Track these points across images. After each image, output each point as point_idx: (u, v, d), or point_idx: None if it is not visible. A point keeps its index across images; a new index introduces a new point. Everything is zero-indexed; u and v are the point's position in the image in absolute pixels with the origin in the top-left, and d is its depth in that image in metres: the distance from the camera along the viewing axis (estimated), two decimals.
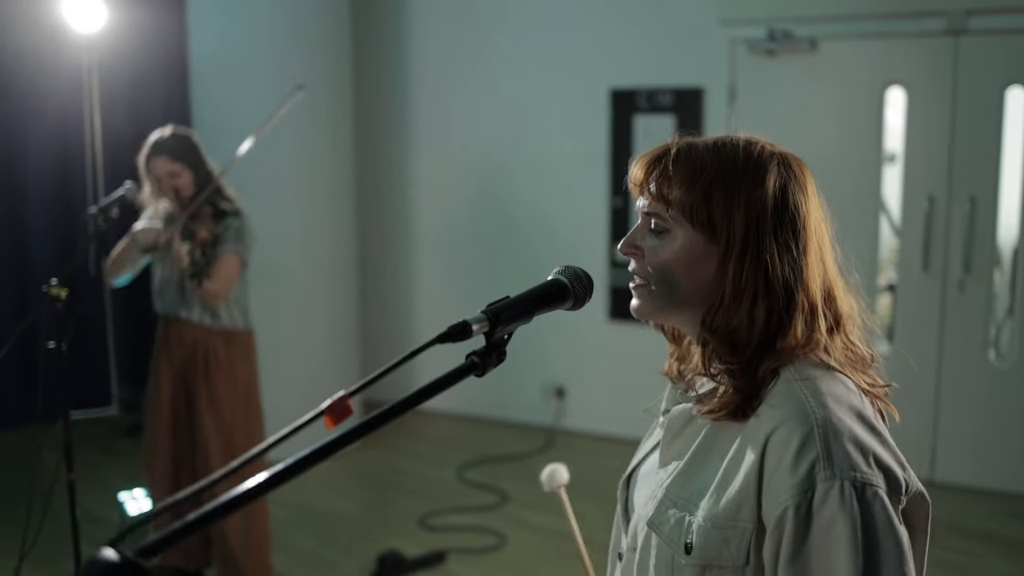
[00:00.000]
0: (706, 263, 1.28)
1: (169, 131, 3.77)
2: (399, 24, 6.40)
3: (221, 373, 3.78)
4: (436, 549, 4.33)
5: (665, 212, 1.30)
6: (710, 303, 1.28)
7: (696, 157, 1.29)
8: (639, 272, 1.33)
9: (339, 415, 0.99)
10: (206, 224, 3.65)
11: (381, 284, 6.61)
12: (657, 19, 5.61)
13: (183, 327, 3.76)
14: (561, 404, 6.08)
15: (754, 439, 1.22)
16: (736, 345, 1.27)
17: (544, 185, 6.00)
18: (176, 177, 3.66)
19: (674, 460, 1.34)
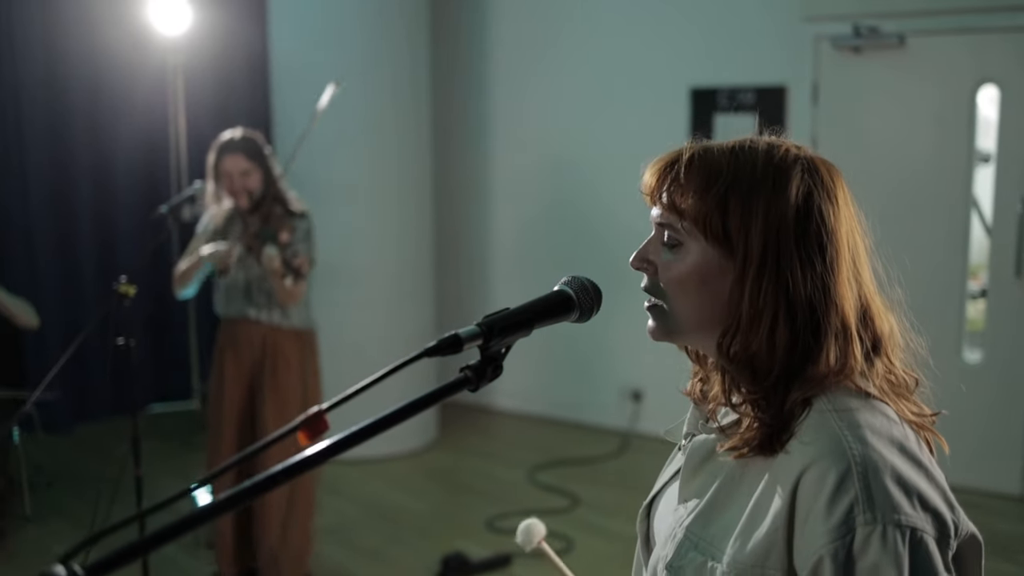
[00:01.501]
0: (722, 280, 1.16)
1: (240, 132, 3.82)
2: (478, 24, 6.39)
3: (289, 371, 3.83)
4: (502, 552, 4.29)
5: (678, 223, 1.18)
6: (727, 327, 1.16)
7: (711, 162, 1.17)
8: (650, 289, 1.22)
9: (315, 431, 0.96)
10: (286, 225, 3.69)
11: (456, 285, 6.61)
12: (739, 16, 5.49)
13: (251, 327, 3.81)
14: (637, 407, 5.99)
15: (784, 477, 1.09)
16: (757, 372, 1.13)
17: (621, 187, 5.90)
18: (247, 176, 3.70)
19: (694, 497, 1.21)
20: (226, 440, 3.88)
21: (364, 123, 5.47)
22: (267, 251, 3.55)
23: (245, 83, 6.66)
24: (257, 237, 3.64)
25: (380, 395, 3.68)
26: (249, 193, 3.71)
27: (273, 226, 3.65)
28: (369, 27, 5.45)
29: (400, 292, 5.68)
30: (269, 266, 3.56)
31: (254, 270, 3.73)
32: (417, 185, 5.80)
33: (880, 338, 1.18)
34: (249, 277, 3.76)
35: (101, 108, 6.17)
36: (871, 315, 1.18)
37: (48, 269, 6.03)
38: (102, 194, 6.25)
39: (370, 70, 5.45)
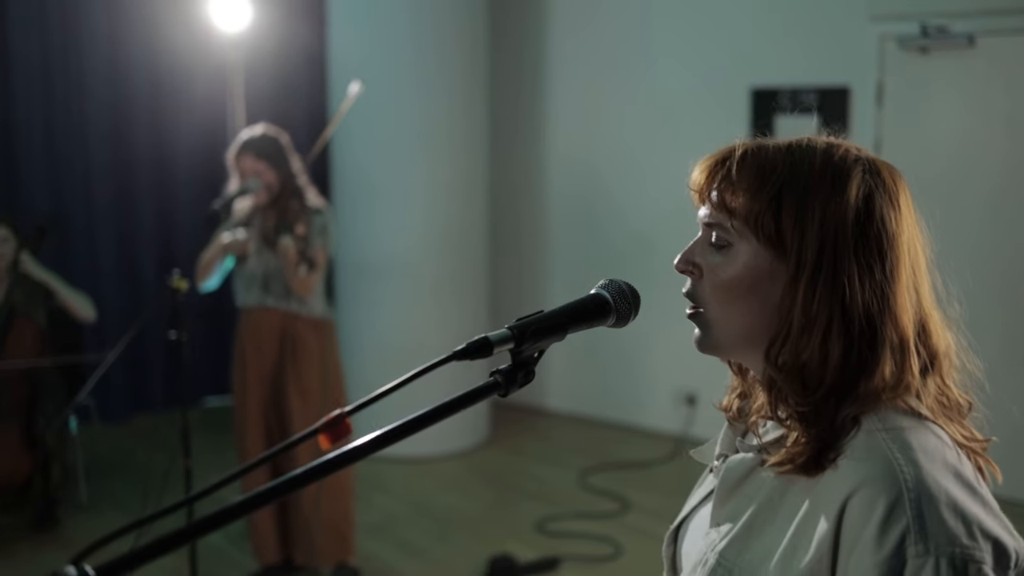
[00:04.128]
0: (773, 286, 1.08)
1: (259, 130, 3.91)
2: (536, 24, 6.36)
3: (310, 359, 3.91)
4: (549, 555, 4.26)
5: (728, 223, 1.11)
6: (776, 334, 1.08)
7: (765, 159, 1.10)
8: (693, 295, 1.15)
9: (337, 434, 0.93)
10: (302, 219, 3.78)
11: (511, 285, 6.58)
12: (802, 15, 5.38)
13: (271, 314, 3.90)
14: (691, 412, 5.91)
15: (829, 501, 1.02)
16: (807, 384, 1.06)
17: (680, 188, 5.81)
18: (260, 174, 3.79)
19: (728, 520, 1.13)
20: (252, 429, 3.96)
21: (421, 123, 5.48)
22: (283, 241, 3.66)
23: (303, 81, 6.70)
24: (274, 230, 3.75)
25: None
26: (267, 188, 3.78)
27: (290, 220, 3.76)
28: (427, 27, 5.44)
29: (455, 292, 5.67)
30: (284, 254, 3.67)
31: (272, 262, 3.83)
32: (473, 185, 5.78)
33: (936, 355, 1.11)
34: (267, 269, 3.85)
35: (162, 105, 6.25)
36: (928, 330, 1.11)
37: (108, 263, 6.13)
38: (162, 190, 6.34)
39: (428, 69, 5.45)
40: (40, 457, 4.46)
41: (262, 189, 3.77)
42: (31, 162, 5.84)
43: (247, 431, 3.96)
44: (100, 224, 6.08)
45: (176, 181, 6.37)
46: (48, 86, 5.86)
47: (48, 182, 5.92)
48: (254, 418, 3.94)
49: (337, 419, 0.93)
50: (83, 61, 5.92)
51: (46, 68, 5.85)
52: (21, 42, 5.74)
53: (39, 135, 5.85)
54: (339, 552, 4.01)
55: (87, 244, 6.03)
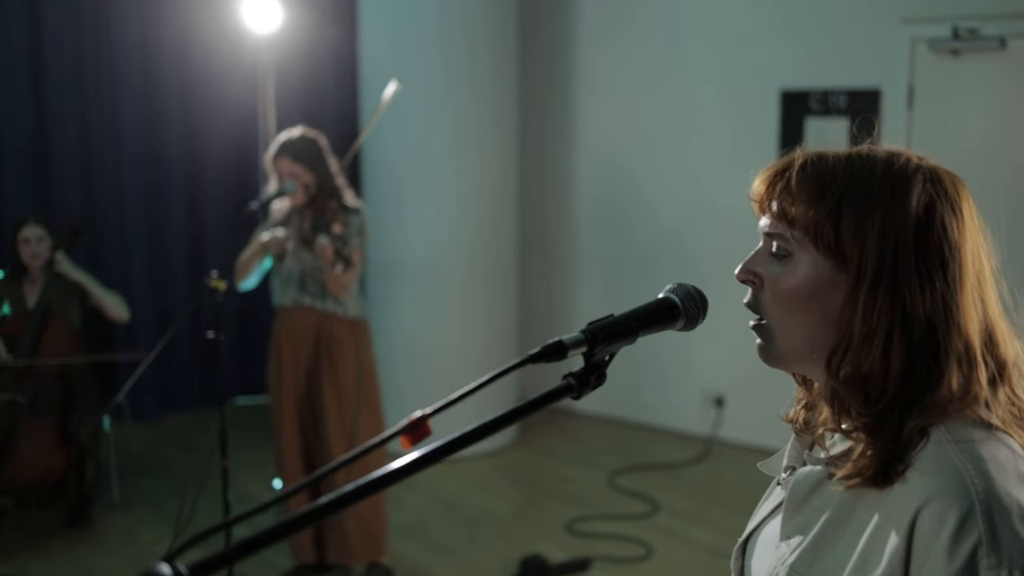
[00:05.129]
0: (833, 296, 1.08)
1: (297, 132, 3.93)
2: (565, 26, 6.36)
3: (345, 359, 3.92)
4: (581, 556, 4.26)
5: (788, 233, 1.11)
6: (836, 344, 1.08)
7: (825, 169, 1.10)
8: (754, 305, 1.16)
9: (417, 436, 0.94)
10: (339, 219, 3.80)
11: (539, 286, 6.58)
12: (832, 16, 5.36)
13: (306, 314, 3.92)
14: (720, 413, 5.90)
15: (899, 514, 1.01)
16: (869, 395, 1.05)
17: (709, 190, 5.83)
18: (298, 177, 3.81)
19: (798, 533, 1.13)
20: (287, 427, 3.98)
21: (452, 124, 5.49)
22: (320, 240, 3.66)
23: (333, 82, 6.73)
24: (312, 229, 3.75)
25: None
26: (304, 189, 3.81)
27: (327, 219, 3.77)
28: (457, 28, 5.46)
29: (485, 293, 5.68)
30: (321, 253, 3.67)
31: (308, 262, 3.85)
32: (503, 186, 5.79)
33: (1005, 365, 1.10)
34: (303, 268, 3.87)
35: (193, 105, 6.30)
36: (996, 340, 1.10)
37: (139, 263, 6.17)
38: (193, 190, 6.38)
39: (458, 70, 5.47)
40: (74, 455, 4.50)
41: (299, 190, 3.79)
42: (64, 162, 5.89)
43: (282, 429, 3.99)
44: (131, 223, 6.13)
45: (206, 181, 6.41)
46: (81, 86, 5.92)
47: (80, 182, 5.97)
48: (289, 416, 3.97)
49: (418, 421, 0.94)
50: (115, 61, 5.97)
51: (79, 68, 5.90)
52: (55, 43, 5.80)
53: (72, 135, 5.91)
54: (372, 552, 4.03)
55: (118, 243, 6.08)
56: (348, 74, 6.56)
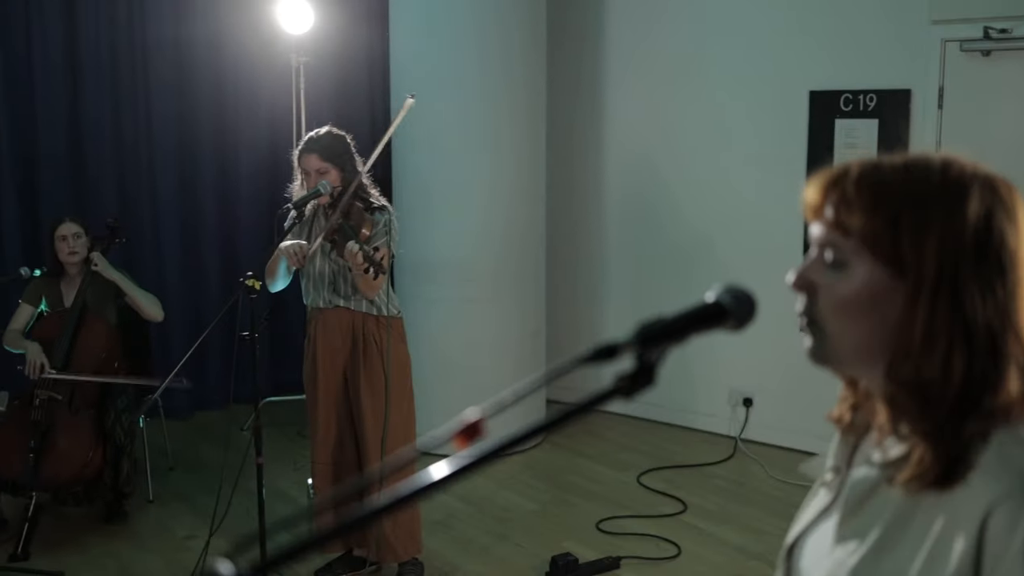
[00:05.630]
0: (891, 303, 1.08)
1: (324, 130, 3.95)
2: (595, 26, 6.37)
3: (380, 356, 3.92)
4: (610, 555, 4.28)
5: (844, 242, 1.11)
6: (896, 351, 1.08)
7: (881, 178, 1.10)
8: (810, 312, 1.15)
9: (471, 436, 0.97)
10: (367, 221, 3.78)
11: (569, 284, 6.59)
12: (861, 17, 5.34)
13: (341, 314, 3.93)
14: (748, 414, 5.89)
15: (966, 516, 1.01)
16: (929, 401, 1.06)
17: (738, 189, 5.83)
18: (324, 175, 3.83)
19: (855, 537, 1.13)
20: (322, 428, 3.99)
21: (480, 125, 5.51)
22: (350, 246, 3.62)
23: (365, 82, 6.77)
24: (338, 231, 3.73)
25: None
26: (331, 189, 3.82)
27: (354, 221, 3.75)
28: (487, 28, 5.48)
29: (513, 291, 5.70)
30: (353, 261, 3.62)
31: (338, 262, 3.85)
32: (531, 185, 5.81)
33: None
34: (334, 269, 3.88)
35: (226, 104, 6.35)
36: None
37: (172, 261, 6.24)
38: (225, 189, 6.44)
39: (488, 70, 5.49)
40: (111, 452, 4.55)
41: (334, 194, 3.80)
42: (99, 162, 5.96)
43: (318, 427, 4.01)
44: (165, 222, 6.20)
45: (239, 179, 6.47)
46: (115, 86, 5.99)
47: (115, 182, 6.04)
48: (324, 417, 3.98)
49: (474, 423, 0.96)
50: (149, 61, 6.04)
51: (114, 68, 5.97)
52: (90, 43, 5.87)
53: (107, 135, 5.98)
54: (411, 548, 4.06)
55: (152, 242, 6.15)
56: (379, 74, 6.61)
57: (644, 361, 1.07)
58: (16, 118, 5.68)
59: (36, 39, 5.68)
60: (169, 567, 4.25)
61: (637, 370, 1.07)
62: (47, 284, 4.77)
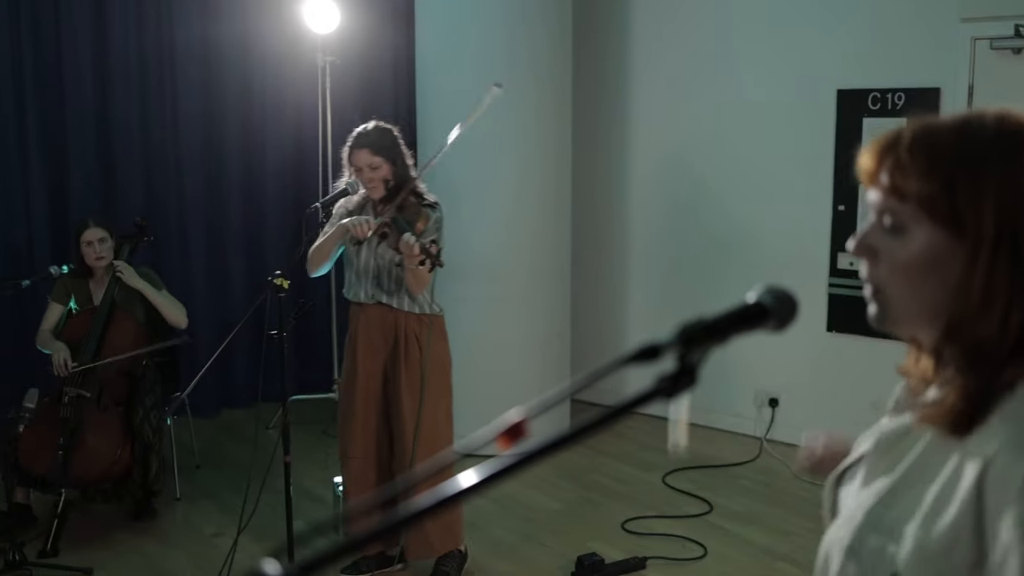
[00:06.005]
0: (951, 264, 1.08)
1: (372, 124, 3.94)
2: (621, 24, 6.36)
3: (421, 354, 3.91)
4: (636, 555, 4.27)
5: (900, 207, 1.11)
6: (955, 311, 1.08)
7: (935, 140, 1.09)
8: (872, 278, 1.16)
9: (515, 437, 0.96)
10: (422, 215, 3.76)
11: (593, 283, 6.58)
12: (890, 15, 5.30)
13: (383, 311, 3.92)
14: (774, 414, 5.87)
15: (973, 459, 1.03)
16: (981, 357, 1.07)
17: (764, 189, 5.80)
18: (376, 169, 3.81)
19: (881, 476, 1.16)
20: (357, 425, 3.99)
21: (506, 121, 5.50)
22: (406, 238, 3.60)
23: (390, 82, 6.79)
24: (390, 225, 3.71)
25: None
26: (384, 182, 3.82)
27: (409, 215, 3.73)
28: (513, 27, 5.48)
29: (536, 290, 5.70)
30: (409, 252, 3.59)
31: (385, 257, 3.83)
32: (558, 184, 5.81)
33: None
34: (379, 263, 3.86)
35: (252, 105, 6.38)
36: None
37: (199, 260, 6.27)
38: (251, 190, 6.47)
39: (513, 70, 5.48)
40: (139, 449, 4.58)
41: (379, 183, 3.79)
42: (127, 163, 5.99)
43: (355, 425, 3.99)
44: (191, 222, 6.23)
45: (264, 178, 6.49)
46: (143, 87, 6.02)
47: (143, 182, 6.07)
48: (361, 413, 3.98)
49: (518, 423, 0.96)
50: (176, 61, 6.07)
51: (142, 69, 6.00)
52: (119, 44, 5.90)
53: (135, 136, 6.01)
54: (447, 543, 4.07)
55: (179, 240, 6.18)
56: (404, 74, 6.62)
57: (686, 362, 1.07)
58: (46, 119, 5.72)
59: (65, 41, 5.72)
60: (196, 564, 4.27)
61: (679, 371, 1.07)
62: (75, 282, 4.80)
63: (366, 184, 3.84)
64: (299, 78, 6.36)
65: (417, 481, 1.02)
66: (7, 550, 4.02)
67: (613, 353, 6.60)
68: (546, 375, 5.74)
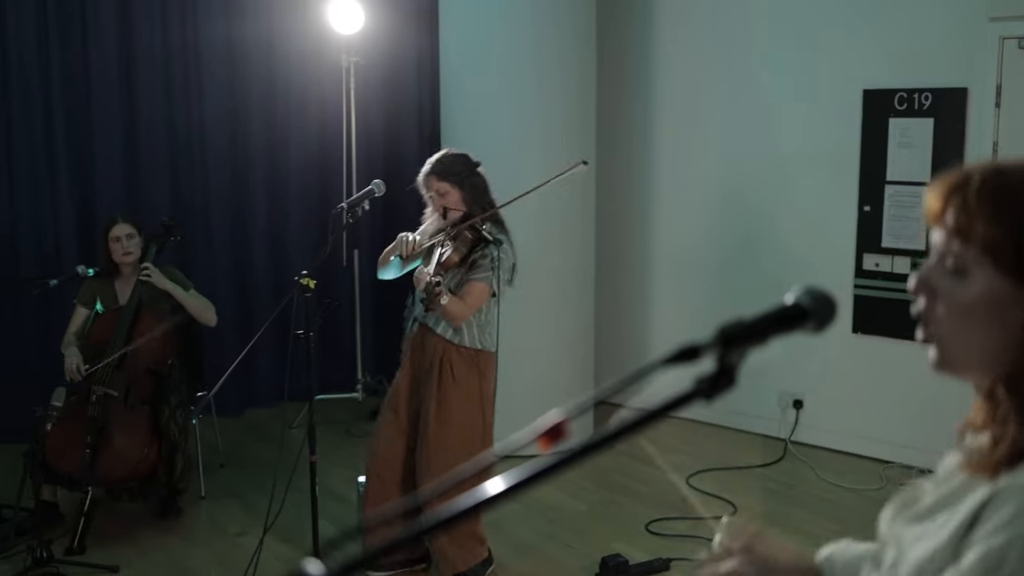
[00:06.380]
0: (1013, 313, 1.06)
1: (444, 151, 3.94)
2: (645, 26, 6.34)
3: (456, 388, 3.86)
4: (660, 557, 4.25)
5: (964, 249, 1.09)
6: (1017, 360, 1.07)
7: (1005, 184, 1.08)
8: (929, 317, 1.14)
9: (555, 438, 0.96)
10: (460, 250, 3.72)
11: (618, 286, 6.56)
12: (916, 15, 5.26)
13: (427, 334, 3.91)
14: (798, 416, 5.84)
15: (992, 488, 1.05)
16: None
17: (789, 190, 5.77)
18: (444, 196, 3.81)
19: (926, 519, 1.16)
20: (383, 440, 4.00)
21: (530, 123, 5.50)
22: (419, 268, 3.62)
23: (414, 82, 6.80)
24: (430, 251, 3.73)
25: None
26: (446, 211, 3.81)
27: (450, 248, 3.68)
28: (536, 27, 5.46)
29: (561, 294, 5.68)
30: (416, 283, 3.62)
31: None
32: (581, 186, 5.79)
33: None
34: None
35: (277, 105, 6.41)
36: None
37: (224, 259, 6.31)
38: (276, 189, 6.49)
39: (538, 70, 5.48)
40: (165, 448, 4.60)
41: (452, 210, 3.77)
42: (153, 163, 6.03)
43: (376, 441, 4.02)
44: (216, 220, 6.27)
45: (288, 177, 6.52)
46: (169, 85, 6.06)
47: (169, 181, 6.11)
48: (387, 431, 3.98)
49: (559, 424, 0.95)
50: (202, 60, 6.11)
51: (167, 67, 6.04)
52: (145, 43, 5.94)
53: (161, 135, 6.05)
54: (468, 560, 4.02)
55: (204, 240, 6.21)
56: (428, 74, 6.64)
57: (725, 363, 1.06)
58: (72, 119, 5.77)
59: (92, 40, 5.77)
60: (221, 562, 4.29)
61: (718, 372, 1.06)
62: (100, 284, 4.83)
63: (436, 209, 3.85)
64: (323, 78, 6.39)
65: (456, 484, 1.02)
66: (35, 547, 4.05)
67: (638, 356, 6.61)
68: (571, 379, 5.73)
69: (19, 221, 5.66)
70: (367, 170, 6.27)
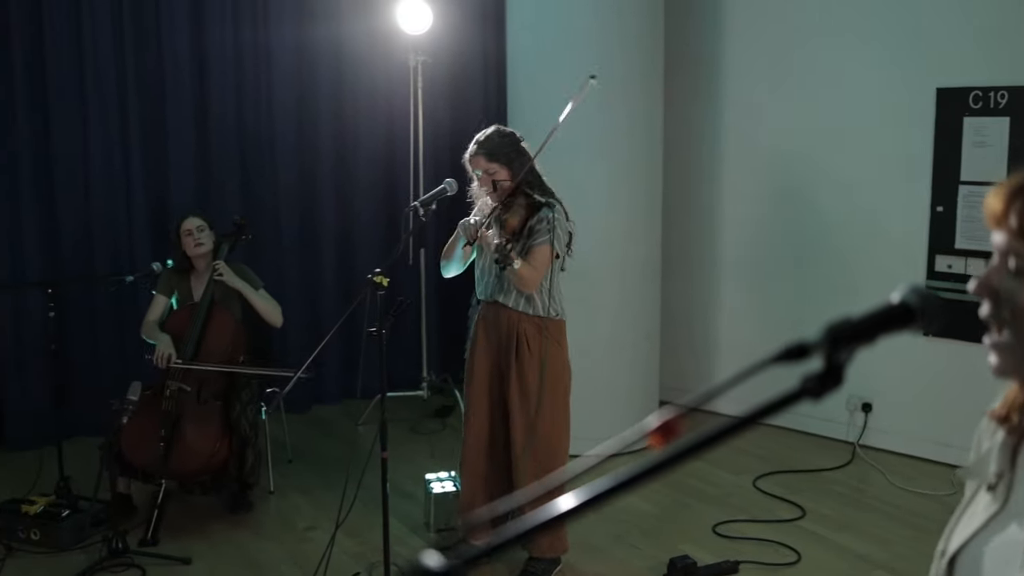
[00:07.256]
0: None
1: (491, 129, 3.99)
2: (713, 23, 6.29)
3: (533, 358, 3.93)
4: (728, 559, 4.22)
5: None
6: None
7: None
8: (994, 320, 1.14)
9: (668, 435, 0.96)
10: (518, 214, 3.81)
11: (684, 285, 6.51)
12: (993, 10, 5.14)
13: (500, 310, 3.96)
14: (867, 419, 5.75)
15: None
16: None
17: (859, 190, 5.69)
18: (493, 174, 3.87)
19: None
20: (474, 423, 4.07)
21: (597, 120, 5.48)
22: (485, 235, 3.68)
23: (480, 81, 6.83)
24: (491, 224, 3.78)
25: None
26: (495, 187, 3.86)
27: (508, 214, 3.78)
28: (603, 25, 5.45)
29: (627, 291, 5.67)
30: (486, 248, 3.70)
31: None
32: (647, 184, 5.77)
33: None
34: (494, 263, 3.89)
35: (345, 104, 6.47)
36: None
37: (292, 258, 6.38)
38: (344, 188, 6.56)
39: (605, 68, 5.44)
40: (236, 443, 4.67)
41: (498, 188, 3.83)
42: (224, 162, 6.13)
43: (471, 420, 4.09)
44: (285, 219, 6.34)
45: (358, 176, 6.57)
46: (240, 83, 6.15)
47: (239, 181, 6.20)
48: (478, 411, 4.06)
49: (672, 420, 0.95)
50: (272, 59, 6.18)
51: (239, 66, 6.13)
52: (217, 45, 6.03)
53: (232, 135, 6.14)
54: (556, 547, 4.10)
55: (273, 238, 6.28)
56: (494, 73, 6.66)
57: (833, 362, 1.05)
58: (145, 119, 5.87)
59: (165, 43, 5.87)
60: (291, 557, 4.34)
61: (826, 370, 1.05)
62: (178, 277, 4.92)
63: (482, 184, 3.91)
64: (391, 77, 6.44)
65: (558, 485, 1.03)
66: (111, 538, 4.14)
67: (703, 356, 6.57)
68: (635, 377, 5.71)
69: (94, 220, 5.78)
70: (434, 169, 6.31)
